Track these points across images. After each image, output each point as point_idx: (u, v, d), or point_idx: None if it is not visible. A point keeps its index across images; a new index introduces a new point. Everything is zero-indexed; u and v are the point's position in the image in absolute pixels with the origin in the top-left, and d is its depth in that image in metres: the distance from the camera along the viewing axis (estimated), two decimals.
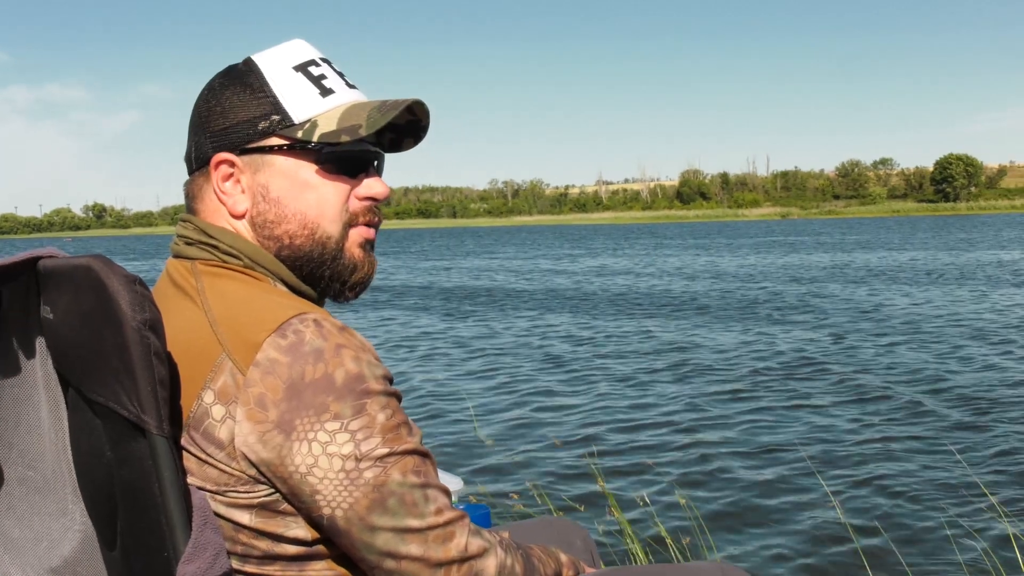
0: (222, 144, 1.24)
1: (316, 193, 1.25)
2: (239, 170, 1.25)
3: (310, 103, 1.24)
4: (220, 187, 1.25)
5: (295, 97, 1.24)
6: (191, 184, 1.29)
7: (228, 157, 1.24)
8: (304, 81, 1.25)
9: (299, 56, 1.27)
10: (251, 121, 1.23)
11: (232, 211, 1.25)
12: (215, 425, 1.09)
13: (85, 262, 1.06)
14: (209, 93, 1.27)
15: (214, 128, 1.25)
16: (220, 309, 1.15)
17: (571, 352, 11.67)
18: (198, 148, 1.27)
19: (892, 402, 8.00)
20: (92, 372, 1.07)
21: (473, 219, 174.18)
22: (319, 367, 1.09)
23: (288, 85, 1.25)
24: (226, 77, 1.27)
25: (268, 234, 1.25)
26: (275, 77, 1.25)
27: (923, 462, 6.13)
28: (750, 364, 10.23)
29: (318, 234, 1.26)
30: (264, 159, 1.24)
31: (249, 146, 1.24)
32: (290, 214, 1.25)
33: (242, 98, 1.24)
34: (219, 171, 1.25)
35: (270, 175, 1.24)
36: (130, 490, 1.06)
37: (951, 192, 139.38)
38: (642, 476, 6.02)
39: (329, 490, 1.09)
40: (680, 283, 22.63)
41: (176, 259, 1.26)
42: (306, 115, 1.24)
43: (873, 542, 4.62)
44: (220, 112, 1.24)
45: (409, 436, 1.14)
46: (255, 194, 1.25)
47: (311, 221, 1.25)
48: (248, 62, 1.27)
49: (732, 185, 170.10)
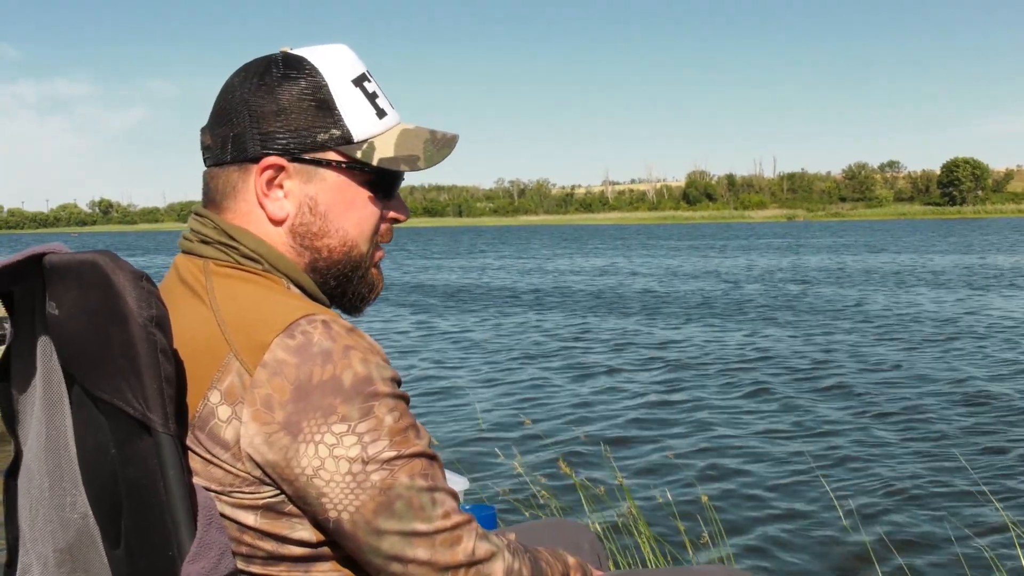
0: (275, 146, 1.20)
1: (360, 213, 1.26)
2: (287, 176, 1.21)
3: (368, 123, 1.24)
4: (263, 189, 1.21)
5: (355, 115, 1.23)
6: (220, 177, 1.23)
7: (280, 162, 1.20)
8: (362, 98, 1.24)
9: (353, 69, 1.25)
10: (311, 130, 1.20)
11: (272, 215, 1.22)
12: (221, 425, 1.08)
13: (91, 258, 1.05)
14: (263, 87, 1.20)
15: (266, 127, 1.19)
16: (228, 309, 1.14)
17: (579, 351, 11.67)
18: (239, 141, 1.20)
19: (907, 403, 7.99)
20: (98, 369, 1.06)
21: (479, 218, 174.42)
22: (327, 368, 1.08)
23: (348, 100, 1.22)
24: (286, 77, 1.20)
25: (308, 244, 1.24)
26: (337, 88, 1.22)
27: (937, 467, 6.11)
28: (763, 365, 10.23)
29: (354, 252, 1.27)
30: (317, 171, 1.22)
31: (305, 156, 1.21)
32: (333, 229, 1.24)
33: (303, 104, 1.20)
34: (265, 174, 1.21)
35: (320, 188, 1.23)
36: (135, 488, 1.05)
37: (958, 195, 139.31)
38: (650, 478, 6.01)
39: (335, 493, 1.08)
40: (691, 283, 22.62)
41: (186, 256, 1.24)
42: (364, 135, 1.23)
43: (878, 541, 4.60)
44: (276, 111, 1.19)
45: (417, 439, 1.13)
46: (301, 204, 1.23)
47: (351, 239, 1.26)
48: (308, 64, 1.22)
49: (738, 186, 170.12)
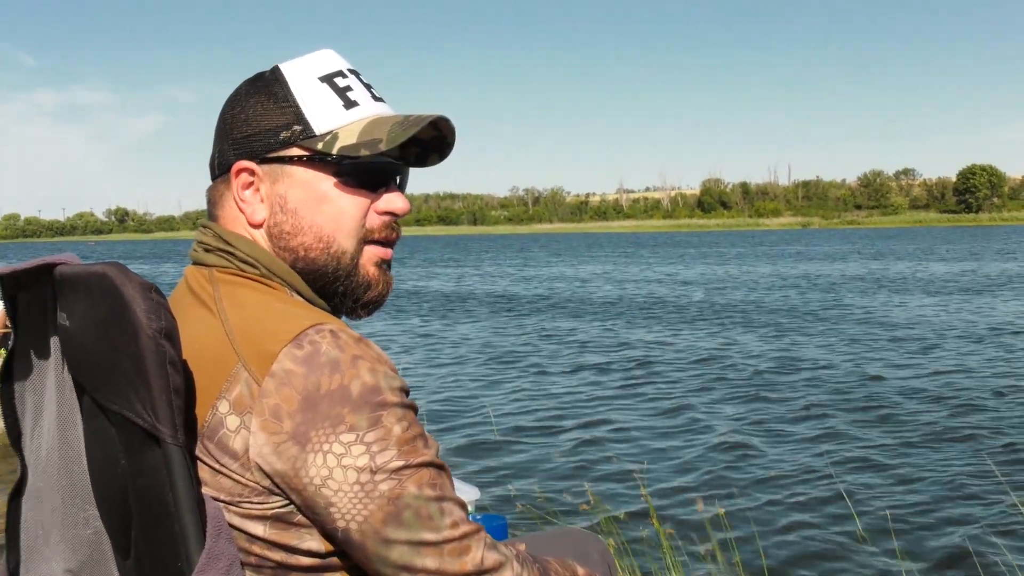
0: (243, 152, 1.24)
1: (333, 206, 1.25)
2: (259, 179, 1.25)
3: (333, 115, 1.24)
4: (240, 195, 1.25)
5: (318, 108, 1.24)
6: (213, 190, 1.30)
7: (248, 165, 1.24)
8: (329, 92, 1.25)
9: (326, 66, 1.27)
10: (273, 130, 1.23)
11: (250, 220, 1.25)
12: (229, 435, 1.09)
13: (101, 269, 1.06)
14: (234, 100, 1.27)
15: (236, 135, 1.25)
16: (237, 319, 1.15)
17: (590, 362, 11.65)
18: (221, 155, 1.27)
19: (927, 417, 7.93)
20: (107, 380, 1.07)
21: (493, 226, 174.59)
22: (335, 378, 1.08)
23: (312, 96, 1.24)
24: (252, 85, 1.27)
25: (284, 245, 1.25)
26: (300, 87, 1.24)
27: (969, 486, 6.06)
28: (780, 375, 10.18)
29: (333, 248, 1.25)
30: (284, 169, 1.24)
31: (269, 155, 1.23)
32: (306, 226, 1.24)
33: (266, 106, 1.24)
34: (239, 179, 1.24)
35: (289, 185, 1.24)
36: (144, 499, 1.05)
37: (974, 203, 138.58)
38: (663, 491, 5.99)
39: (344, 503, 1.08)
40: (705, 292, 22.55)
41: (195, 266, 1.26)
42: (328, 127, 1.23)
43: (894, 550, 4.57)
44: (243, 120, 1.24)
45: (425, 448, 1.13)
46: (273, 204, 1.25)
47: (327, 235, 1.25)
48: (275, 70, 1.27)
49: (753, 194, 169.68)
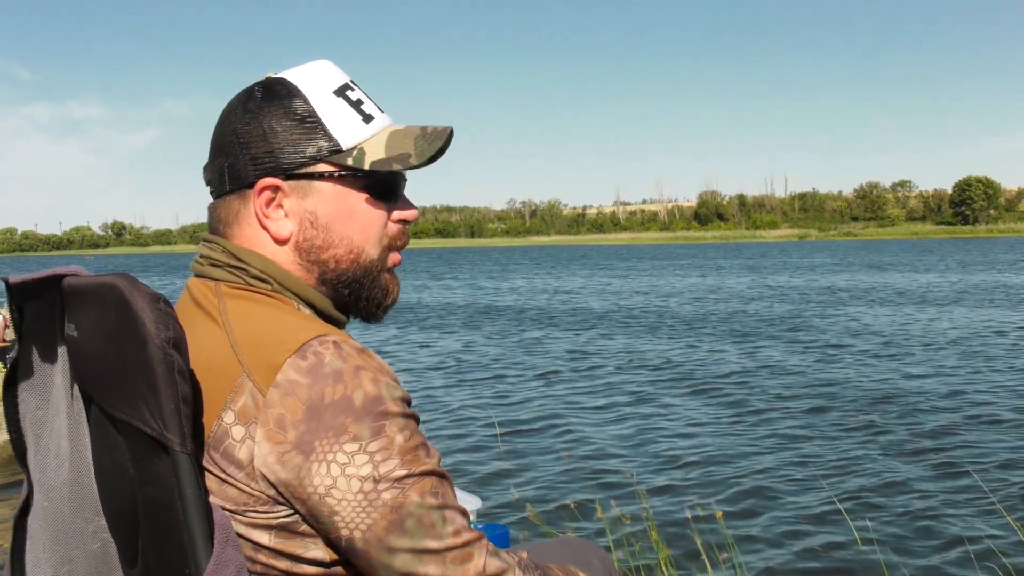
0: (266, 169, 1.23)
1: (361, 219, 1.27)
2: (284, 195, 1.24)
3: (355, 130, 1.26)
4: (263, 211, 1.24)
5: (341, 124, 1.25)
6: (222, 207, 1.28)
7: (274, 182, 1.23)
8: (346, 107, 1.26)
9: (334, 80, 1.28)
10: (299, 146, 1.23)
11: (276, 236, 1.25)
12: (235, 445, 1.10)
13: (110, 280, 1.07)
14: (247, 114, 1.25)
15: (256, 152, 1.23)
16: (241, 330, 1.16)
17: (592, 372, 11.64)
18: (234, 170, 1.25)
19: (920, 426, 7.94)
20: (116, 389, 1.08)
21: (491, 239, 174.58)
22: (338, 388, 1.09)
23: (332, 111, 1.25)
24: (267, 100, 1.25)
25: (314, 259, 1.26)
26: (319, 102, 1.25)
27: (953, 488, 6.07)
28: (778, 385, 10.17)
29: (362, 258, 1.28)
30: (312, 185, 1.25)
31: (297, 172, 1.24)
32: (337, 239, 1.26)
33: (287, 123, 1.23)
34: (263, 196, 1.24)
35: (318, 201, 1.25)
36: (152, 507, 1.06)
37: (970, 215, 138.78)
38: (665, 500, 5.99)
39: (347, 511, 1.09)
40: (705, 304, 22.56)
41: (198, 279, 1.27)
42: (352, 141, 1.25)
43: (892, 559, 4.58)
44: (261, 135, 1.23)
45: (427, 458, 1.14)
46: (302, 220, 1.25)
47: (356, 246, 1.28)
48: (286, 84, 1.26)
49: (750, 206, 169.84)
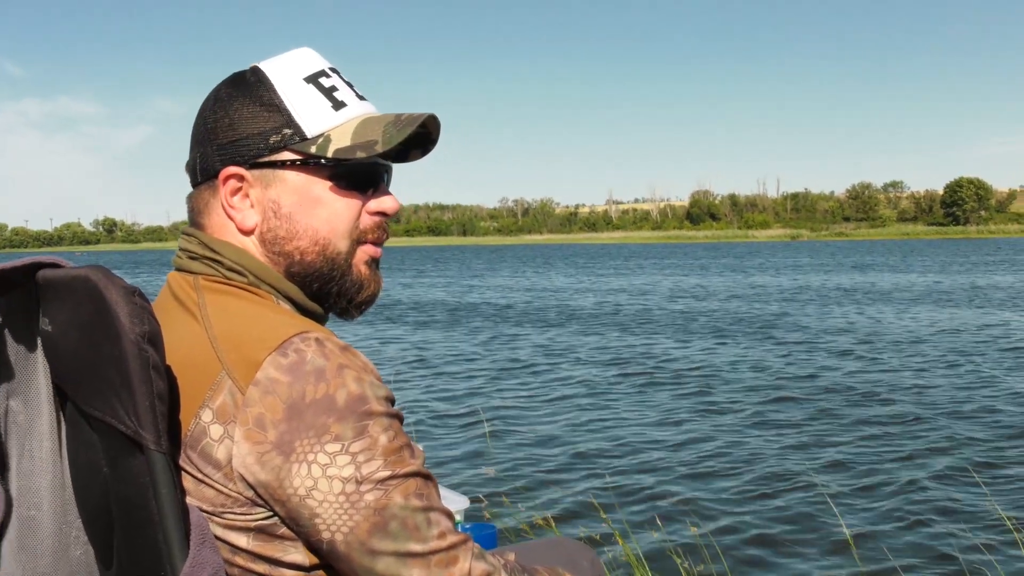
0: (231, 158, 1.21)
1: (328, 209, 1.23)
2: (248, 184, 1.22)
3: (322, 117, 1.22)
4: (228, 201, 1.22)
5: (307, 110, 1.21)
6: (196, 197, 1.26)
7: (238, 171, 1.21)
8: (316, 93, 1.22)
9: (309, 66, 1.24)
10: (262, 135, 1.20)
11: (241, 226, 1.22)
12: (213, 445, 1.07)
13: (84, 273, 1.04)
14: (216, 104, 1.23)
15: (222, 141, 1.21)
16: (221, 326, 1.13)
17: (581, 371, 11.64)
18: (204, 160, 1.23)
19: (914, 427, 7.95)
20: (90, 385, 1.05)
21: (483, 237, 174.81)
22: (320, 387, 1.06)
23: (300, 97, 1.21)
24: (234, 87, 1.23)
25: (278, 250, 1.23)
26: (286, 89, 1.21)
27: (946, 490, 6.07)
28: (767, 387, 10.18)
29: (329, 250, 1.24)
30: (275, 174, 1.21)
31: (260, 160, 1.21)
32: (301, 230, 1.22)
33: (252, 110, 1.21)
34: (228, 185, 1.21)
35: (281, 190, 1.22)
36: (127, 507, 1.03)
37: (961, 215, 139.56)
38: (652, 499, 5.98)
39: (329, 513, 1.06)
40: (692, 303, 22.60)
41: (178, 273, 1.24)
42: (319, 129, 1.21)
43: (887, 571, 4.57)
44: (228, 124, 1.21)
45: (411, 458, 1.11)
46: (265, 209, 1.22)
47: (322, 237, 1.23)
48: (256, 72, 1.23)
49: (742, 206, 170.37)
